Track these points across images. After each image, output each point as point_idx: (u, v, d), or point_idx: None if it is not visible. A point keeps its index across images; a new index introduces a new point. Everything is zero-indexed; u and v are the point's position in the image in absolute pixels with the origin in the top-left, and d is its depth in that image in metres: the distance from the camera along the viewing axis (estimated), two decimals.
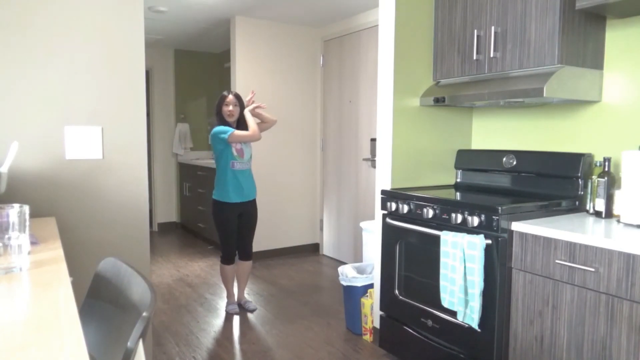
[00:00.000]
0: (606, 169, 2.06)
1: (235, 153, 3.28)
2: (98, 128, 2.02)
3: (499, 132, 2.82)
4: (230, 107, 3.30)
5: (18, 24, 1.85)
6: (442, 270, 2.19)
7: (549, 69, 2.12)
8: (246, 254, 3.49)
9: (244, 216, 3.40)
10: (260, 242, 4.82)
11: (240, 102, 3.35)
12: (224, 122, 3.33)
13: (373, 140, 4.11)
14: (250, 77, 4.69)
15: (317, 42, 5.02)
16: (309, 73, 5.02)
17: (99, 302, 1.35)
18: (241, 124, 3.34)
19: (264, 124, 3.48)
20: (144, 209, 2.15)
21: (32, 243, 1.41)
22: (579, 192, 2.30)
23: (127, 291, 1.24)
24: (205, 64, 6.50)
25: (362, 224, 3.64)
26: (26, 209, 1.19)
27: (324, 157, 5.01)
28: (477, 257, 2.03)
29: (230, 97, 3.31)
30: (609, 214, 2.06)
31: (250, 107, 3.38)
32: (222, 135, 3.20)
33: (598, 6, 1.98)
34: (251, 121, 3.29)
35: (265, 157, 4.78)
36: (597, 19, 2.22)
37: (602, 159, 2.15)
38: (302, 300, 3.68)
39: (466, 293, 2.10)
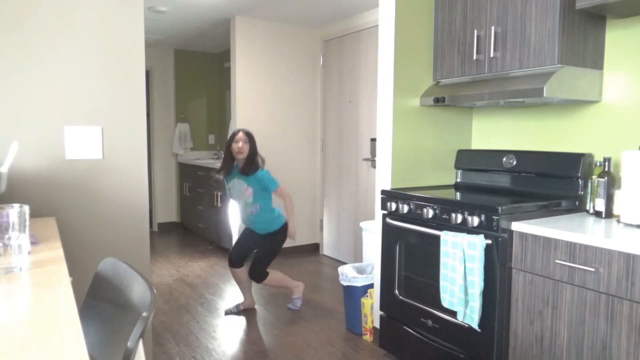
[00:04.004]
0: (606, 169, 2.06)
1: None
2: (98, 128, 2.02)
3: (499, 132, 2.82)
4: (240, 144, 3.21)
5: (18, 24, 1.85)
6: (442, 270, 2.19)
7: (549, 69, 2.12)
8: (255, 277, 3.40)
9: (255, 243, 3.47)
10: None
11: (250, 140, 3.25)
12: (230, 159, 3.29)
13: (373, 140, 4.11)
14: (250, 77, 4.69)
15: (317, 42, 5.02)
16: (309, 73, 5.02)
17: (99, 302, 1.35)
18: (249, 165, 3.25)
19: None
20: (144, 209, 2.15)
21: (32, 243, 1.41)
22: (579, 192, 2.29)
23: (127, 291, 1.23)
24: (205, 64, 6.50)
25: (362, 224, 3.64)
26: (26, 209, 1.19)
27: (324, 157, 5.01)
28: (477, 257, 2.03)
29: (241, 134, 3.23)
30: (609, 214, 2.06)
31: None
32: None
33: (598, 6, 1.98)
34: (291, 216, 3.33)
35: (265, 157, 4.76)
36: (597, 19, 2.22)
37: (602, 159, 2.15)
38: (302, 300, 3.68)
39: (466, 293, 2.10)
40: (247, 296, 3.50)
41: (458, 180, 2.94)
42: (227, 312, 3.42)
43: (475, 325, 2.09)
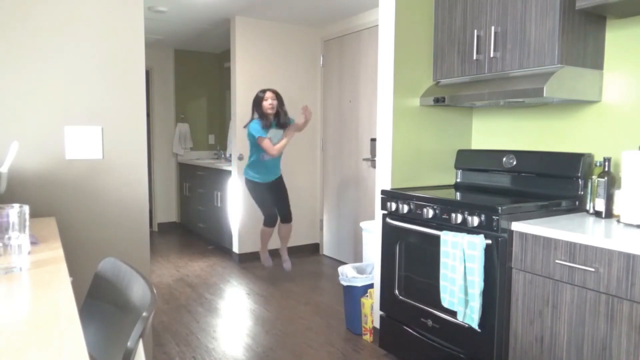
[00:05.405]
0: (606, 169, 2.06)
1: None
2: (98, 128, 2.02)
3: (499, 132, 2.82)
4: (269, 101, 3.81)
5: (18, 24, 1.85)
6: (442, 270, 2.19)
7: (549, 69, 2.12)
8: (285, 217, 4.12)
9: (274, 191, 4.04)
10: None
11: (278, 97, 3.87)
12: (264, 116, 3.82)
13: (373, 140, 4.11)
14: (250, 77, 4.69)
15: (317, 42, 5.02)
16: (309, 73, 5.01)
17: (99, 302, 1.35)
18: (280, 116, 3.87)
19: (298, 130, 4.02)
20: (144, 209, 2.15)
21: (32, 243, 1.41)
22: (579, 192, 2.30)
23: (127, 291, 1.23)
24: (205, 64, 6.50)
25: (362, 224, 3.64)
26: (26, 209, 1.19)
27: (324, 157, 5.01)
28: (477, 257, 2.03)
29: (269, 92, 3.84)
30: (609, 214, 2.06)
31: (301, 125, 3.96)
32: (254, 134, 3.77)
33: (598, 6, 1.98)
34: (282, 143, 3.79)
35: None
36: (597, 19, 2.22)
37: (602, 159, 2.15)
38: (302, 300, 3.68)
39: (466, 293, 2.10)
40: (283, 248, 4.31)
41: (458, 180, 2.94)
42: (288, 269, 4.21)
43: (475, 325, 2.09)
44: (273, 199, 4.04)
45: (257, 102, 3.86)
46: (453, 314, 2.25)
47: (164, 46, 6.14)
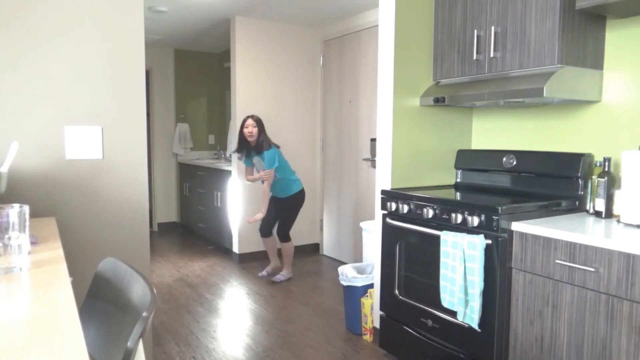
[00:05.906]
0: (606, 169, 2.06)
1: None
2: (98, 128, 2.02)
3: (499, 132, 2.82)
4: (249, 129, 3.89)
5: (18, 24, 1.85)
6: (442, 270, 2.19)
7: (549, 69, 2.12)
8: (279, 235, 4.16)
9: (275, 207, 4.14)
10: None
11: (259, 125, 3.92)
12: (244, 142, 3.96)
13: (373, 140, 4.11)
14: (250, 77, 4.69)
15: (317, 42, 5.02)
16: (309, 73, 5.02)
17: (99, 302, 1.35)
18: (258, 146, 3.91)
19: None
20: (144, 209, 2.15)
21: (32, 243, 1.41)
22: (579, 192, 2.30)
23: (127, 291, 1.23)
24: (205, 64, 6.50)
25: (362, 224, 3.64)
26: (26, 209, 1.19)
27: (324, 158, 5.01)
28: (477, 257, 2.03)
29: (249, 120, 3.92)
30: (609, 214, 2.06)
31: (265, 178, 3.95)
32: (266, 165, 3.93)
33: (598, 6, 1.98)
34: (254, 177, 4.03)
35: None
36: (597, 19, 2.22)
37: (602, 159, 2.15)
38: (302, 300, 3.68)
39: (466, 293, 2.10)
40: (274, 260, 4.28)
41: (458, 180, 2.94)
42: (261, 276, 4.23)
43: (475, 325, 2.09)
44: (273, 215, 4.15)
45: (240, 127, 3.99)
46: (453, 314, 2.25)
47: (164, 46, 6.14)
